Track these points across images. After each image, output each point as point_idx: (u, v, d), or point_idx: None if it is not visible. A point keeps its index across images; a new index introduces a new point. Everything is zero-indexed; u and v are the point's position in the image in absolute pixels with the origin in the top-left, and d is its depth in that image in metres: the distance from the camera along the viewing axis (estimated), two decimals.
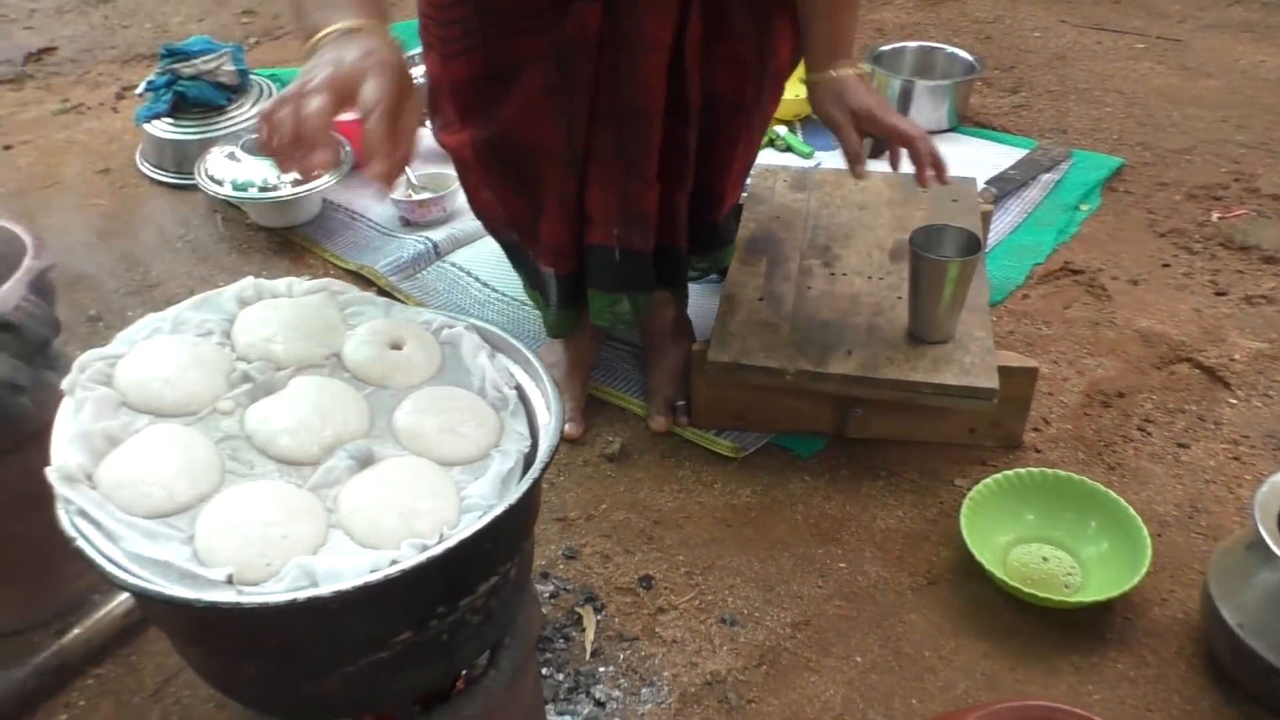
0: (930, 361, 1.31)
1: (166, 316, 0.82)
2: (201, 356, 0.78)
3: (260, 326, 0.82)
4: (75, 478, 0.68)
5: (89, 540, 0.65)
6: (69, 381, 0.75)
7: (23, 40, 2.80)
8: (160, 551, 0.65)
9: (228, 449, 0.73)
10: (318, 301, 0.86)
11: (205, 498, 0.70)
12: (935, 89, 2.13)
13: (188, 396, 0.75)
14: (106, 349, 0.78)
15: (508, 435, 0.79)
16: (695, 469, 1.42)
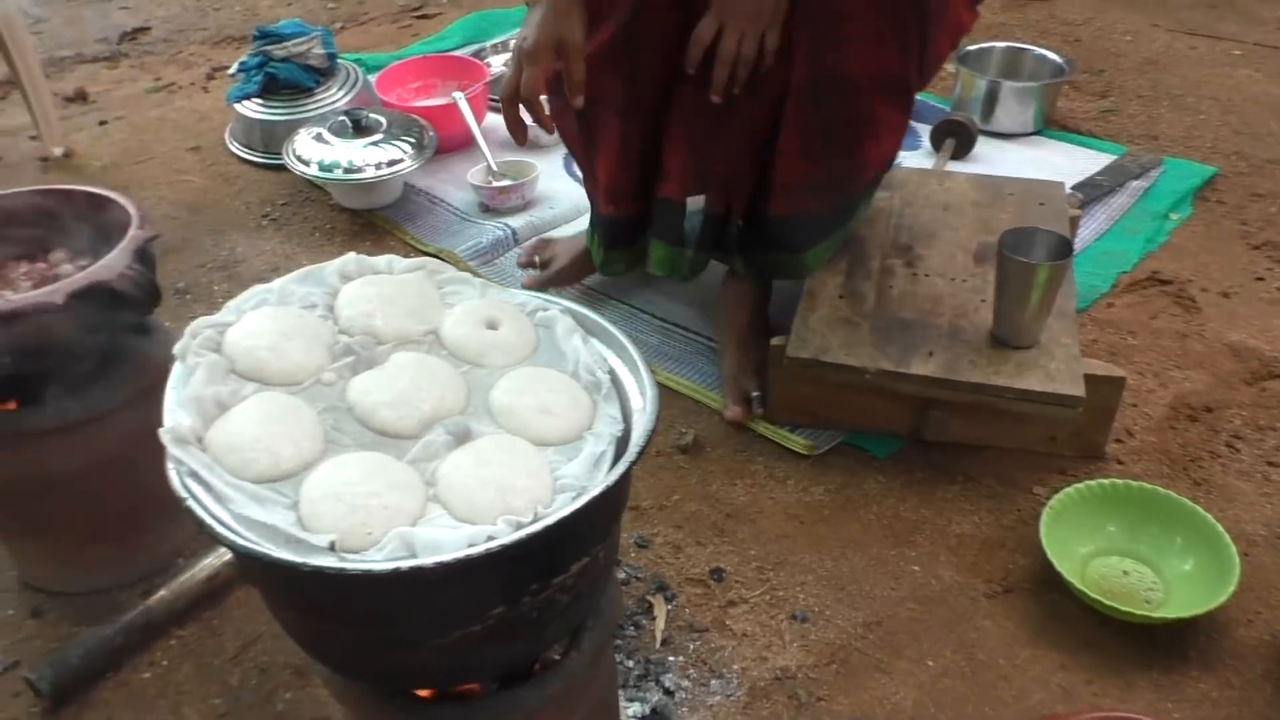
0: (1014, 366, 1.29)
1: (272, 288, 0.84)
2: (306, 328, 0.80)
3: (362, 301, 0.84)
4: (187, 440, 0.70)
5: (199, 501, 0.67)
6: (180, 347, 0.77)
7: (119, 20, 2.88)
8: (267, 515, 0.66)
9: (330, 419, 0.75)
10: (417, 279, 0.88)
11: (309, 465, 0.71)
12: (1022, 90, 2.10)
13: (293, 366, 0.77)
14: (216, 317, 0.81)
15: (600, 418, 0.79)
16: (768, 464, 1.42)
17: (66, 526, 1.22)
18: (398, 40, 2.72)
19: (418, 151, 1.95)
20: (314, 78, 2.14)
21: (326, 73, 2.18)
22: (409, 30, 2.81)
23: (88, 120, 2.37)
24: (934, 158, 2.02)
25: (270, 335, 0.78)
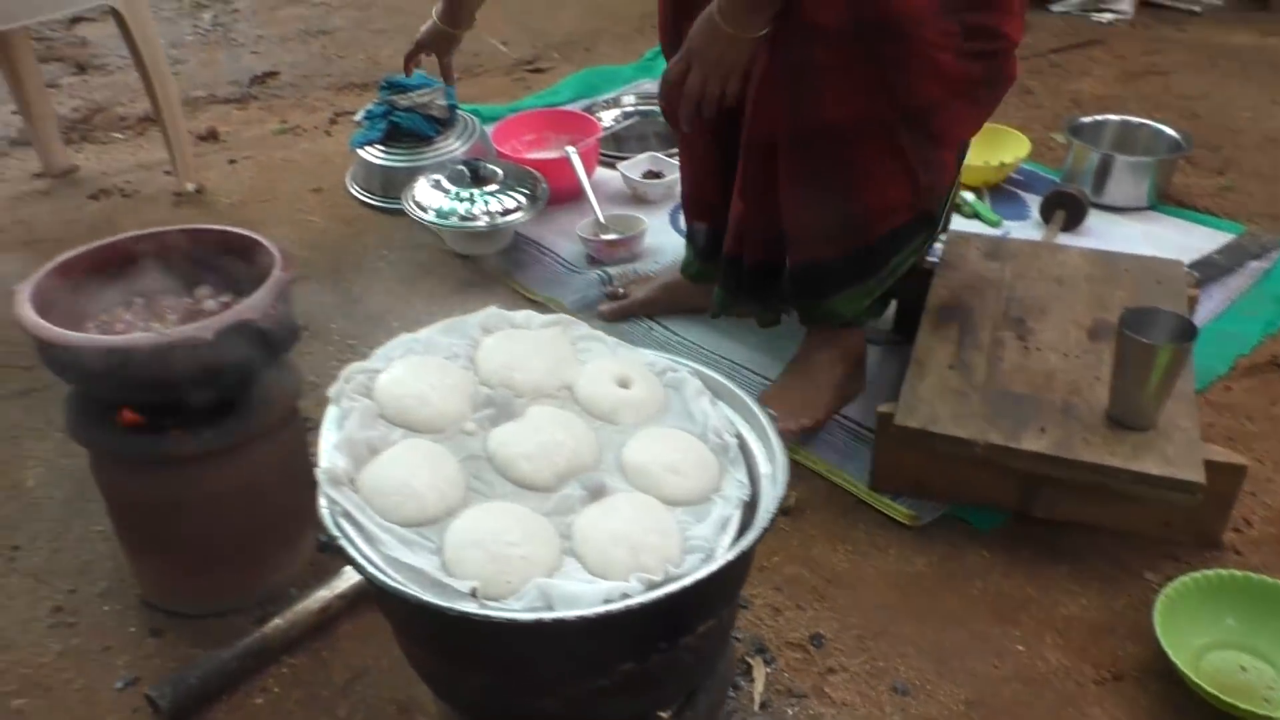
0: (1130, 448, 1.27)
1: (419, 338, 0.88)
2: (450, 378, 0.84)
3: (502, 355, 0.87)
4: (341, 481, 0.74)
5: (350, 540, 0.70)
6: (335, 390, 0.81)
7: (250, 64, 3.03)
8: (414, 558, 0.69)
9: (471, 468, 0.78)
10: (553, 335, 0.91)
11: (452, 512, 0.74)
12: (1136, 165, 2.08)
13: (438, 415, 0.81)
14: (367, 363, 0.85)
15: (728, 481, 0.81)
16: (869, 531, 1.41)
17: (191, 550, 1.27)
18: (510, 93, 2.81)
19: (531, 203, 2.00)
20: (435, 127, 2.23)
21: (446, 123, 2.26)
22: (522, 84, 2.90)
23: (218, 158, 2.49)
24: (1043, 229, 2.01)
25: (417, 384, 0.82)
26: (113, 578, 1.35)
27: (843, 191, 1.38)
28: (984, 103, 1.41)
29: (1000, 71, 1.38)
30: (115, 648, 1.26)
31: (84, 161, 2.47)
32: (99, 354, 1.07)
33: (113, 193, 2.33)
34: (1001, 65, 1.38)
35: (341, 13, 3.45)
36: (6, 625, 1.28)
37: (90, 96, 2.80)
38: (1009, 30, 1.34)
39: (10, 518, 1.44)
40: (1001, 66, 1.38)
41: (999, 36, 1.33)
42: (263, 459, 1.23)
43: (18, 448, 1.57)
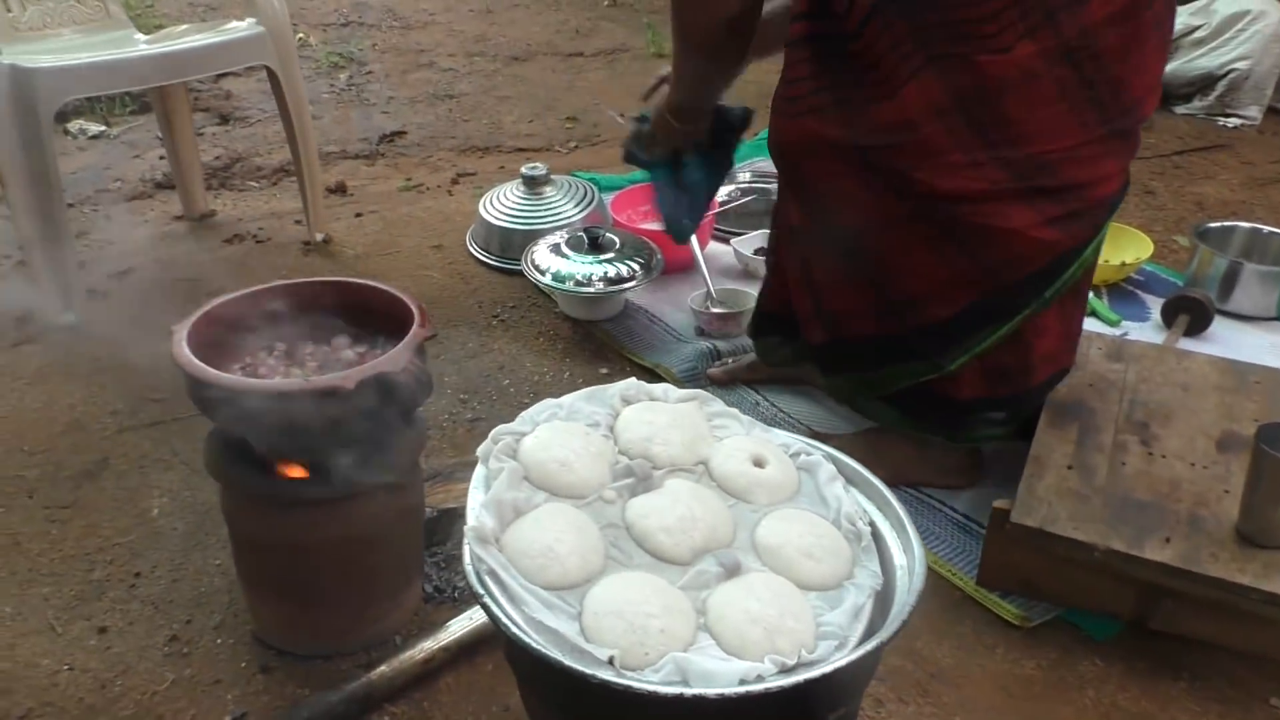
0: (1261, 566, 1.23)
1: (562, 404, 0.90)
2: (591, 446, 0.86)
3: (641, 426, 0.89)
4: (488, 540, 0.76)
5: (494, 599, 0.72)
6: (484, 450, 0.84)
7: (380, 123, 3.17)
8: (555, 622, 0.71)
9: (610, 536, 0.80)
10: (690, 410, 0.93)
11: (591, 579, 0.76)
12: (1266, 274, 2.03)
13: (580, 481, 0.83)
14: (513, 425, 0.88)
15: (861, 570, 0.81)
16: (976, 628, 1.38)
17: (306, 591, 1.31)
18: None
19: (645, 272, 2.04)
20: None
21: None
22: None
23: (345, 211, 2.60)
24: (1164, 332, 1.97)
25: (560, 450, 0.84)
26: (227, 611, 1.40)
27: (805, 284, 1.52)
28: (949, 245, 1.34)
29: (952, 217, 1.31)
30: (226, 681, 1.29)
31: (221, 207, 2.61)
32: (250, 396, 1.12)
33: (246, 238, 2.45)
34: (952, 211, 1.30)
35: (468, 79, 3.59)
36: (125, 650, 1.32)
37: (231, 146, 2.95)
38: (928, 179, 1.28)
39: (134, 545, 1.50)
40: (952, 212, 1.31)
41: (914, 181, 1.29)
42: (383, 509, 1.27)
43: (145, 477, 1.64)
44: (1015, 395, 1.47)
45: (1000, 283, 1.36)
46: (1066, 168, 1.29)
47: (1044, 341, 1.44)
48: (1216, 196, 2.66)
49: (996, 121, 1.25)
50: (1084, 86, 1.26)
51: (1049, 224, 1.31)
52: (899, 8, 1.21)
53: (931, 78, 1.23)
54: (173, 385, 1.82)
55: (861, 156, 1.31)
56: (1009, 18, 1.19)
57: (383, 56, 3.80)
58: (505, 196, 2.35)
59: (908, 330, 1.42)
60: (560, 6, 4.63)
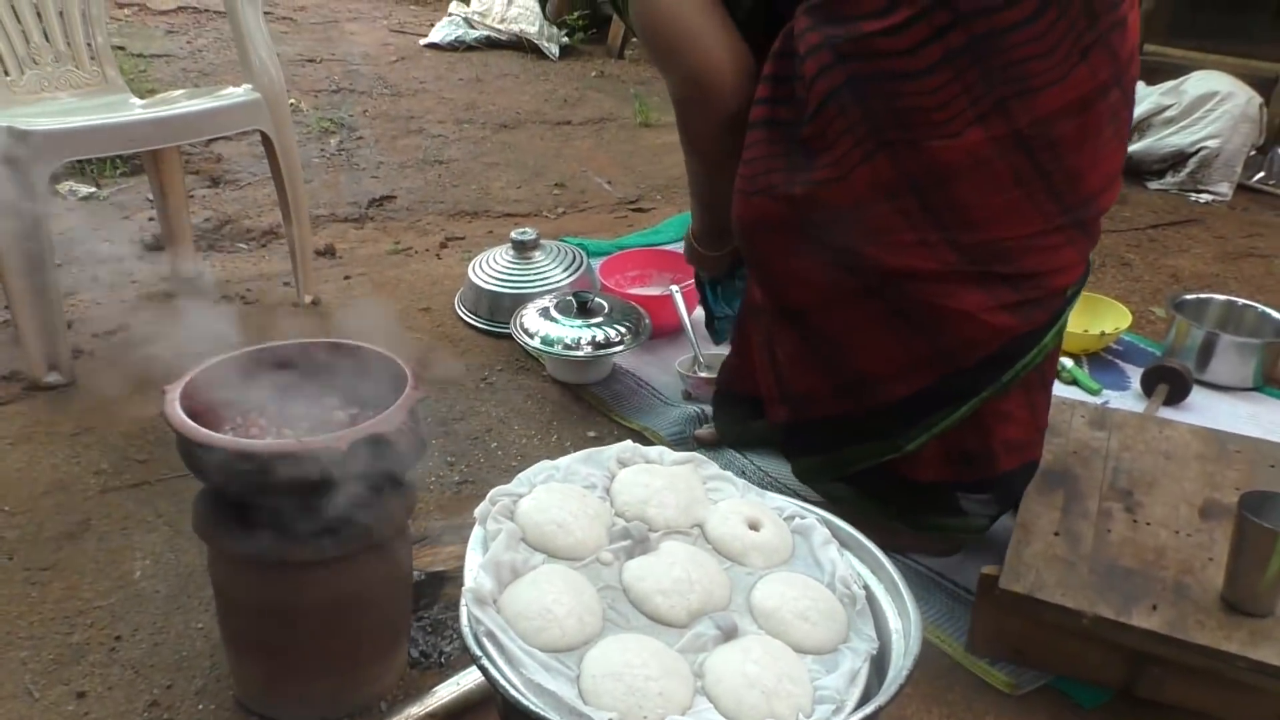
0: (1247, 634, 1.24)
1: (559, 465, 0.91)
2: (588, 508, 0.86)
3: (637, 489, 0.90)
4: (486, 601, 0.76)
5: (492, 661, 0.72)
6: (481, 511, 0.84)
7: (369, 187, 3.21)
8: (554, 685, 0.70)
9: (607, 598, 0.80)
10: (685, 472, 0.94)
11: (589, 641, 0.76)
12: (1243, 346, 2.07)
13: (577, 543, 0.83)
14: (510, 486, 0.88)
15: (856, 634, 0.81)
16: (966, 695, 1.38)
17: (292, 655, 1.29)
18: (614, 229, 2.92)
19: (633, 337, 2.06)
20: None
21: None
22: (624, 221, 3.02)
23: (334, 273, 2.62)
24: (1144, 401, 2.00)
25: (558, 511, 0.85)
26: (209, 676, 1.37)
27: (768, 361, 1.54)
28: (903, 325, 1.34)
29: (903, 295, 1.31)
30: None
31: (210, 269, 2.61)
32: (239, 456, 1.12)
33: (234, 300, 2.45)
34: (904, 288, 1.31)
35: (457, 145, 3.65)
36: (104, 716, 1.30)
37: (221, 209, 2.97)
38: (879, 255, 1.29)
39: (115, 607, 1.48)
40: (904, 290, 1.31)
41: (864, 256, 1.30)
42: (372, 571, 1.26)
43: (128, 539, 1.62)
44: (982, 481, 1.46)
45: (955, 364, 1.36)
46: (1023, 256, 1.30)
47: (1006, 428, 1.43)
48: (1191, 269, 2.72)
49: (949, 205, 1.26)
50: (1040, 176, 1.26)
51: (1003, 309, 1.31)
52: (853, 95, 1.24)
53: (884, 161, 1.25)
54: (157, 446, 1.84)
55: (814, 234, 1.33)
56: (958, 105, 1.21)
57: (373, 122, 3.86)
58: (494, 261, 2.37)
59: (864, 410, 1.42)
60: (548, 76, 4.72)
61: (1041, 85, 1.21)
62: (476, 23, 5.18)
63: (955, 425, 1.40)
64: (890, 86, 1.22)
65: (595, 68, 4.96)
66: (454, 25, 5.18)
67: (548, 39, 5.11)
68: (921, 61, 1.19)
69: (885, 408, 1.41)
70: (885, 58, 1.21)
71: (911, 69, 1.20)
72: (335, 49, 5.00)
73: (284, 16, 5.62)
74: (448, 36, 5.11)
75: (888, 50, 1.20)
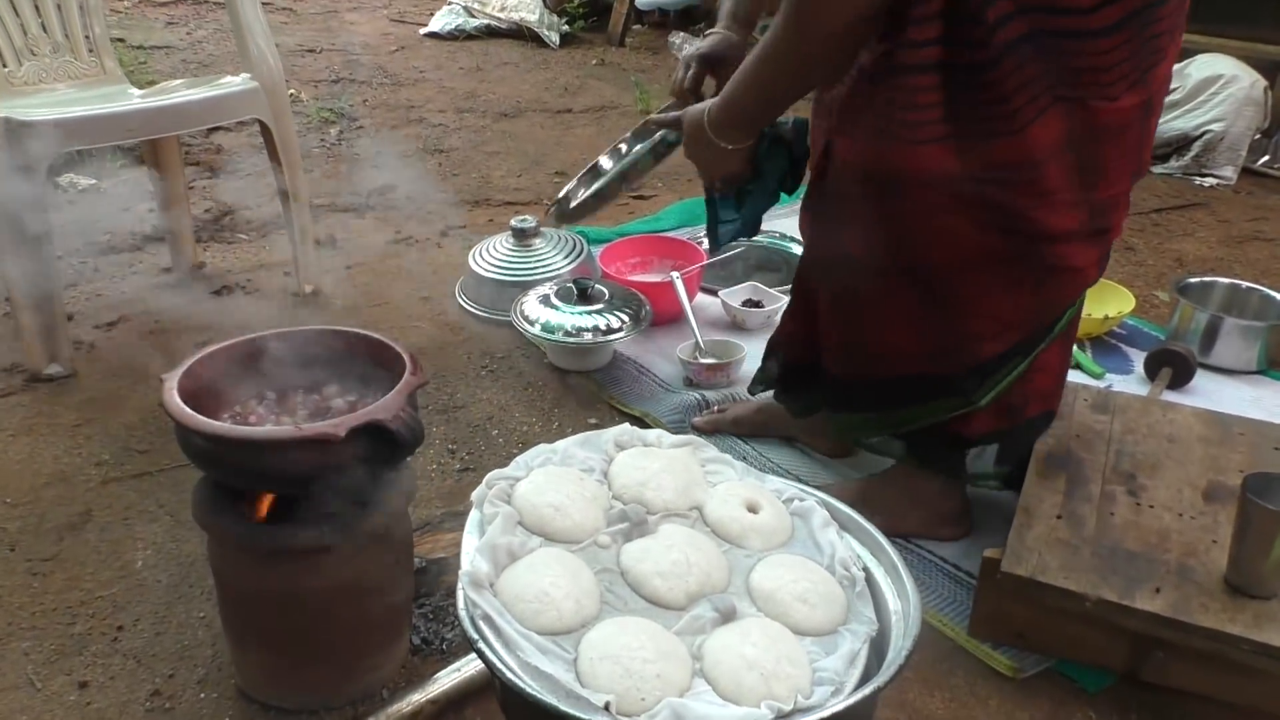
0: (1252, 616, 1.23)
1: (556, 449, 0.91)
2: (586, 491, 0.86)
3: (635, 472, 0.89)
4: (482, 584, 0.75)
5: (489, 644, 0.72)
6: (478, 495, 0.84)
7: (370, 177, 3.19)
8: (550, 667, 0.70)
9: (605, 580, 0.79)
10: (683, 455, 0.93)
11: (586, 623, 0.75)
12: (1247, 329, 2.06)
13: (574, 526, 0.83)
14: (508, 470, 0.88)
15: (855, 616, 0.81)
16: (969, 680, 1.37)
17: (294, 643, 1.29)
18: (616, 217, 2.91)
19: (634, 323, 2.05)
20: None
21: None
22: (625, 208, 3.01)
23: (335, 263, 2.61)
24: (1147, 385, 1.99)
25: (555, 495, 0.84)
26: (210, 666, 1.37)
27: (846, 320, 1.48)
28: (1026, 285, 1.35)
29: (1040, 257, 1.32)
30: None
31: (210, 259, 2.61)
32: (240, 444, 1.12)
33: (235, 290, 2.45)
34: (1042, 250, 1.32)
35: (458, 134, 3.64)
36: (106, 705, 1.30)
37: (221, 199, 2.97)
38: (1043, 217, 1.29)
39: (117, 598, 1.48)
40: (1041, 252, 1.32)
41: (1028, 220, 1.29)
42: (373, 559, 1.26)
43: (129, 529, 1.62)
44: (1008, 430, 1.50)
45: (1043, 320, 1.42)
46: (1116, 210, 1.38)
47: (1043, 377, 1.49)
48: (1195, 253, 2.71)
49: (1094, 165, 1.30)
50: (1148, 136, 1.36)
51: (1097, 264, 1.40)
52: (1034, 49, 1.22)
53: (1056, 118, 1.25)
54: (159, 437, 1.83)
55: (976, 190, 1.29)
56: (1122, 70, 1.24)
57: (373, 112, 3.85)
58: (495, 249, 2.37)
59: (956, 369, 1.42)
60: (549, 65, 4.70)
61: (1163, 58, 1.30)
62: (476, 11, 5.17)
63: (1016, 379, 1.44)
64: (1068, 44, 1.23)
65: (596, 56, 4.94)
66: (454, 14, 5.16)
67: (548, 27, 5.09)
68: (1100, 22, 1.21)
69: (977, 366, 1.42)
70: (1067, 15, 1.21)
71: (1090, 28, 1.21)
72: (335, 39, 4.99)
73: (283, 7, 5.61)
74: (447, 25, 5.10)
75: (1070, 7, 1.20)
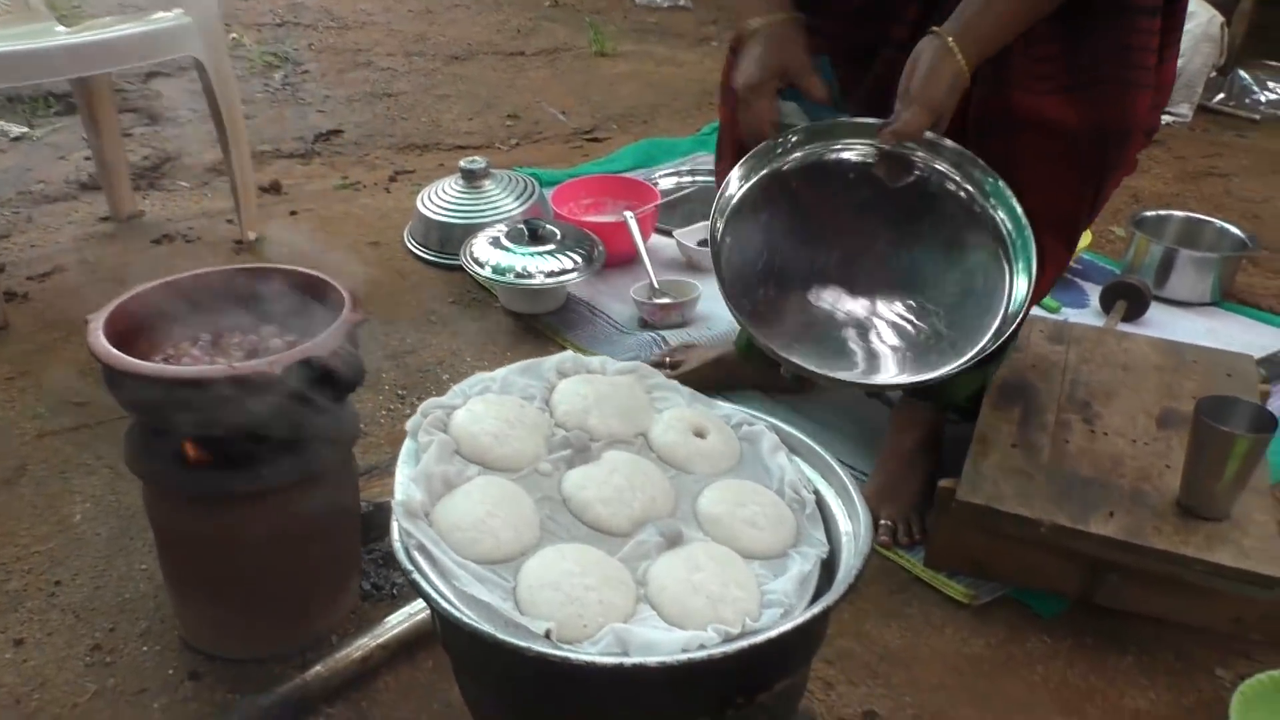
0: (1203, 538, 1.23)
1: (495, 377, 0.87)
2: (526, 418, 0.83)
3: (577, 399, 0.86)
4: (416, 514, 0.72)
5: (424, 574, 0.69)
6: (413, 424, 0.80)
7: (315, 122, 3.10)
8: (488, 596, 0.67)
9: (545, 508, 0.76)
10: (628, 382, 0.90)
11: (526, 552, 0.72)
12: (1201, 260, 2.06)
13: (513, 454, 0.79)
14: (444, 399, 0.84)
15: (806, 538, 0.78)
16: (924, 609, 1.37)
17: (237, 591, 1.25)
18: (569, 159, 2.86)
19: (587, 264, 2.01)
20: None
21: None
22: (580, 151, 2.95)
23: (279, 210, 2.54)
24: (1103, 318, 1.99)
25: (494, 422, 0.81)
26: (153, 618, 1.33)
27: None
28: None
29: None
30: (152, 690, 1.23)
31: (149, 208, 2.53)
32: (167, 384, 1.07)
33: (175, 238, 2.37)
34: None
35: (407, 78, 3.54)
36: (44, 662, 1.26)
37: (160, 146, 2.87)
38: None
39: (55, 553, 1.43)
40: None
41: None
42: (316, 502, 1.22)
43: (66, 483, 1.57)
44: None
45: None
46: None
47: None
48: (1151, 190, 2.71)
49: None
50: None
51: None
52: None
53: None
54: (97, 389, 1.77)
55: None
56: None
57: (319, 56, 3.73)
58: (444, 191, 2.31)
59: None
60: (501, 7, 4.58)
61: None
62: None
63: None
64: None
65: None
66: None
67: None
68: None
69: None
70: None
71: None
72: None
73: None
74: None
75: None
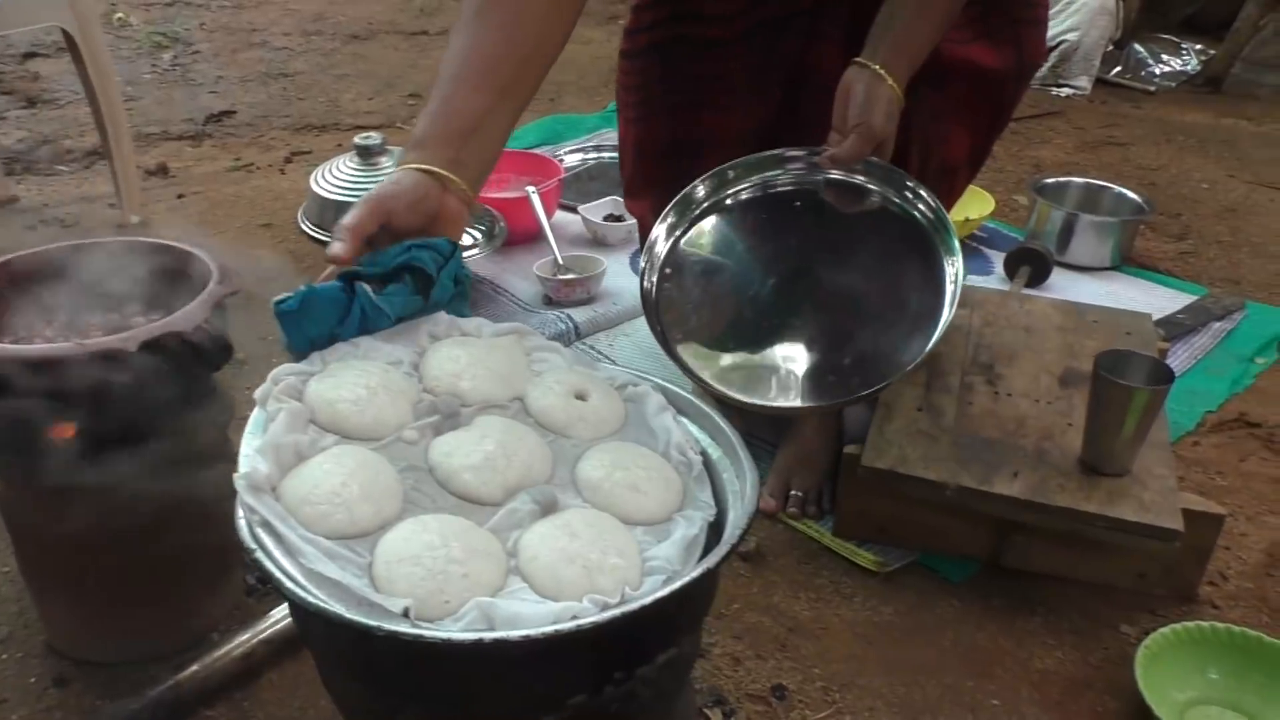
0: (1105, 494, 1.22)
1: (359, 343, 0.81)
2: (391, 384, 0.77)
3: (449, 362, 0.80)
4: (261, 488, 0.66)
5: (268, 552, 0.62)
6: (261, 392, 0.74)
7: (206, 103, 2.97)
8: (340, 574, 0.61)
9: (410, 479, 0.71)
10: (506, 344, 0.85)
11: (385, 525, 0.66)
12: (1101, 225, 2.07)
13: (375, 422, 0.73)
14: (300, 365, 0.78)
15: (692, 501, 0.74)
16: (834, 579, 1.34)
17: (103, 589, 1.16)
18: None
19: (487, 240, 1.95)
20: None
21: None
22: None
23: (166, 193, 2.42)
24: (1007, 285, 1.99)
25: (354, 388, 0.74)
26: (16, 623, 1.24)
27: None
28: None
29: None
30: (13, 700, 1.14)
31: (25, 193, 2.38)
32: (12, 365, 0.98)
33: (52, 223, 2.24)
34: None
35: (304, 58, 3.42)
36: None
37: (38, 129, 2.72)
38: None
39: None
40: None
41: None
42: (186, 491, 1.13)
43: None
44: None
45: None
46: None
47: None
48: (1052, 159, 2.74)
49: None
50: None
51: None
52: None
53: None
54: None
55: None
56: None
57: (211, 36, 3.58)
58: (338, 169, 2.20)
59: None
60: None
61: None
62: None
63: None
64: None
65: None
66: None
67: None
68: None
69: None
70: None
71: None
72: None
73: None
74: None
75: None
